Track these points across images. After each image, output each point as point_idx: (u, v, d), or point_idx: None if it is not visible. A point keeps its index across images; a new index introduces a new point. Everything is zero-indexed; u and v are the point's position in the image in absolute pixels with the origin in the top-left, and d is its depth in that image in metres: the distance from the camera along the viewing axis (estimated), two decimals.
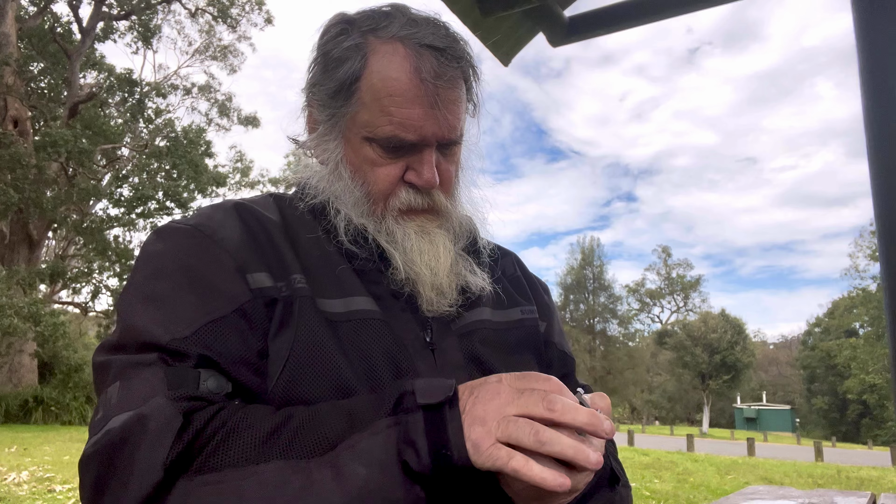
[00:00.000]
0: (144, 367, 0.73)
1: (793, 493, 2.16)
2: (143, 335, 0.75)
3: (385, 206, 0.93)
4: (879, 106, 1.54)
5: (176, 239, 0.85)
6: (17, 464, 8.30)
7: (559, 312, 1.18)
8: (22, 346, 16.71)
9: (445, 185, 0.96)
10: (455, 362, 0.90)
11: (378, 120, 0.88)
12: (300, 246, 0.90)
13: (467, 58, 0.94)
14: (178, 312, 0.77)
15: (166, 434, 0.66)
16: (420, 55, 0.88)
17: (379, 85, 0.88)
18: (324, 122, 0.96)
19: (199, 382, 0.73)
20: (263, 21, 24.05)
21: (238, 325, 0.78)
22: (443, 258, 0.92)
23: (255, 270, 0.82)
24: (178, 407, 0.68)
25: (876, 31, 1.58)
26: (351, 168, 0.93)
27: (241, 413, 0.71)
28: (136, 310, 0.78)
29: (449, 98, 0.90)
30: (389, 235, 0.92)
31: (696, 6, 2.20)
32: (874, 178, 1.55)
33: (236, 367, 0.76)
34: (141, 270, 0.83)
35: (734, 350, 49.86)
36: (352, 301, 0.87)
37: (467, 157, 1.04)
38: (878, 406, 45.85)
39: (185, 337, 0.74)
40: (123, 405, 0.70)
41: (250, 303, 0.80)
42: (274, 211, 0.94)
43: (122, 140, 21.19)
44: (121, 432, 0.67)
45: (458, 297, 0.94)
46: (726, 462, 13.96)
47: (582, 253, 53.45)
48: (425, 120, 0.88)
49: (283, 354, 0.79)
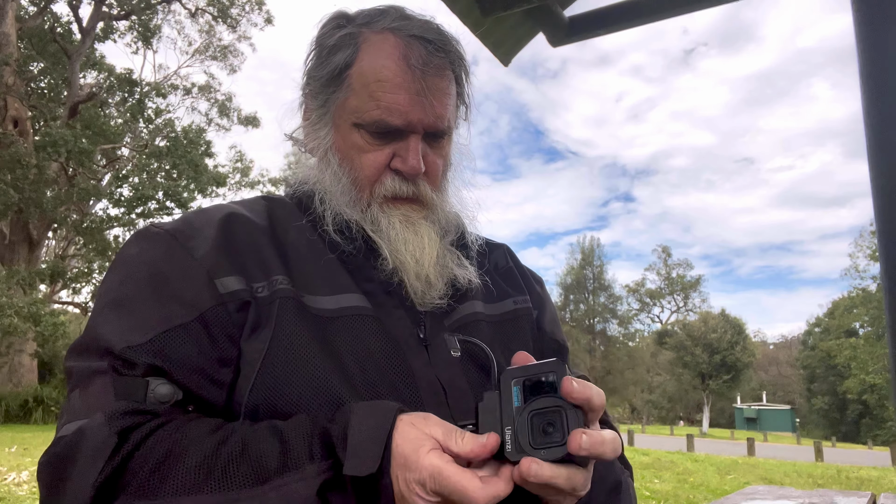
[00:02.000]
0: (99, 375, 0.75)
1: (793, 493, 2.16)
2: (101, 341, 0.77)
3: (371, 193, 0.94)
4: (879, 106, 1.54)
5: (148, 244, 0.86)
6: (17, 464, 8.30)
7: (554, 305, 1.17)
8: (22, 346, 16.71)
9: (432, 177, 0.96)
10: (449, 358, 0.90)
11: (366, 105, 0.90)
12: (288, 246, 0.91)
13: (458, 54, 0.96)
14: (137, 320, 0.78)
15: (99, 454, 0.68)
16: (409, 45, 0.90)
17: (368, 71, 0.91)
18: (316, 110, 0.98)
19: (147, 391, 0.74)
20: (263, 21, 24.09)
21: (197, 334, 0.79)
22: (428, 249, 0.92)
23: (225, 275, 0.83)
24: (114, 426, 0.70)
25: (876, 31, 1.58)
26: (339, 155, 0.95)
27: (179, 434, 0.71)
28: (100, 314, 0.81)
29: (437, 86, 0.91)
30: (374, 224, 0.93)
31: (695, 6, 2.20)
32: (874, 178, 1.55)
33: (190, 377, 0.77)
34: (112, 274, 0.85)
35: (734, 350, 49.85)
36: (343, 298, 0.87)
37: (457, 157, 1.05)
38: (878, 406, 45.87)
39: (138, 345, 0.76)
40: (74, 414, 0.74)
41: (214, 309, 0.80)
42: (262, 214, 0.95)
43: (122, 140, 21.20)
44: (64, 446, 0.71)
45: (448, 290, 0.94)
46: (726, 462, 13.95)
47: (582, 253, 53.49)
48: (412, 106, 0.89)
49: (257, 356, 0.80)
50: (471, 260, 1.01)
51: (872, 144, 1.55)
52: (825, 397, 55.73)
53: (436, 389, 0.86)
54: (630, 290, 63.40)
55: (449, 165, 1.02)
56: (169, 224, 0.89)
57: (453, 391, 0.88)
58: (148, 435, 0.71)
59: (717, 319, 52.49)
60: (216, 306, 0.80)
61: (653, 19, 2.27)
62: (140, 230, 0.90)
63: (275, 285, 0.84)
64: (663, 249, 64.59)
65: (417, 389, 0.85)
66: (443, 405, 0.86)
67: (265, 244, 0.89)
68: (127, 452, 0.69)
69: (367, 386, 0.82)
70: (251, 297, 0.82)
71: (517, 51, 2.53)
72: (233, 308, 0.81)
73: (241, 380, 0.80)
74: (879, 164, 1.54)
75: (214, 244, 0.85)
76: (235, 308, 0.81)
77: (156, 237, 0.87)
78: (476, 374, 0.92)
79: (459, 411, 0.86)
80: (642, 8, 2.26)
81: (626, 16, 2.29)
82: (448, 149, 1.00)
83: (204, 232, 0.87)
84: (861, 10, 1.62)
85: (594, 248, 53.52)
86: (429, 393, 0.86)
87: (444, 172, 1.00)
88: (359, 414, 0.70)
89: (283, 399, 0.78)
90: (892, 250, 1.50)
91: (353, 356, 0.83)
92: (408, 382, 0.85)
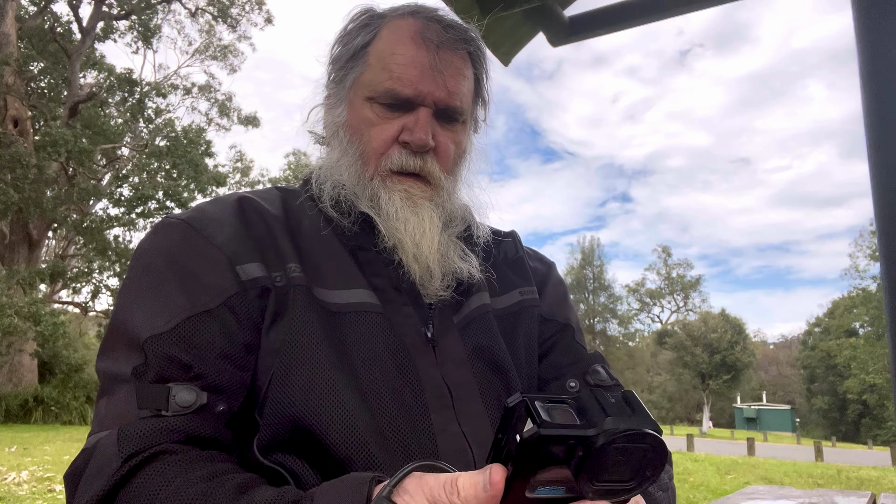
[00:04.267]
0: (121, 383, 0.76)
1: (793, 493, 2.16)
2: (127, 332, 0.78)
3: (376, 167, 0.93)
4: (879, 106, 1.54)
5: (166, 234, 0.86)
6: (17, 463, 8.29)
7: (563, 285, 1.13)
8: (22, 346, 16.69)
9: (442, 157, 0.95)
10: (457, 357, 0.89)
11: (379, 76, 0.91)
12: (301, 236, 0.90)
13: (476, 44, 0.97)
14: (161, 307, 0.78)
15: (100, 474, 0.69)
16: (427, 25, 0.92)
17: (385, 47, 0.92)
18: (334, 90, 0.99)
19: (169, 398, 0.74)
20: (263, 21, 24.05)
21: (223, 319, 0.79)
22: (428, 233, 0.91)
23: (246, 261, 0.83)
24: (124, 449, 0.70)
25: (876, 31, 1.58)
26: (350, 132, 0.95)
27: (161, 479, 0.69)
28: (123, 306, 0.81)
29: (450, 62, 0.92)
30: (373, 201, 0.91)
31: (696, 5, 2.20)
32: (874, 178, 1.54)
33: (215, 364, 0.77)
34: (133, 266, 0.86)
35: (734, 350, 49.81)
36: (352, 293, 0.86)
37: (472, 151, 1.03)
38: (878, 406, 45.84)
39: (163, 332, 0.76)
40: (99, 424, 0.75)
41: (238, 295, 0.81)
42: (277, 204, 0.95)
43: (122, 140, 21.18)
44: (82, 459, 0.73)
45: (452, 282, 0.93)
46: (726, 462, 13.95)
47: (582, 253, 53.50)
48: (423, 78, 0.90)
49: (276, 346, 0.80)
50: (476, 255, 0.99)
51: (872, 144, 1.55)
52: (825, 397, 55.69)
53: (441, 392, 0.85)
54: (630, 290, 63.41)
55: (463, 154, 1.00)
56: (184, 213, 0.89)
57: (460, 393, 0.86)
58: (142, 465, 0.70)
59: (717, 319, 52.45)
60: (240, 292, 0.81)
61: (653, 19, 2.27)
62: (157, 223, 0.90)
63: (289, 273, 0.84)
64: (663, 249, 64.60)
65: (422, 392, 0.84)
66: (448, 408, 0.85)
67: (280, 232, 0.89)
68: (121, 477, 0.69)
69: (371, 387, 0.81)
70: (271, 284, 0.83)
71: (517, 51, 2.53)
72: (253, 295, 0.82)
73: (260, 369, 0.80)
74: (879, 164, 1.54)
75: (233, 231, 0.85)
76: (256, 294, 0.82)
77: (173, 226, 0.87)
78: (485, 375, 0.90)
79: (465, 414, 0.85)
80: (643, 8, 2.25)
81: (627, 15, 2.29)
82: (462, 136, 0.98)
83: (220, 218, 0.87)
84: (861, 10, 1.61)
85: (594, 247, 53.57)
86: (434, 395, 0.85)
87: (456, 159, 0.98)
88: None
89: (292, 403, 0.78)
90: (893, 250, 1.50)
91: (360, 355, 0.82)
92: (412, 384, 0.84)
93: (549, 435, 0.49)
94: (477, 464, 0.82)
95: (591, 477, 0.51)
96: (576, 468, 0.51)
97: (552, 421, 0.50)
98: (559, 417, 0.52)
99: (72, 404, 16.32)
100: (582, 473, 0.51)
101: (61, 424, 15.66)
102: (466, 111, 0.97)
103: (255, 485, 0.70)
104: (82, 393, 16.81)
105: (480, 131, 1.07)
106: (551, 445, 0.50)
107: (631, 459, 0.51)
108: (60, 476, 7.50)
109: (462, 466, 0.77)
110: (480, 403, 0.87)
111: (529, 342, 1.00)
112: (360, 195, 0.92)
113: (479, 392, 0.88)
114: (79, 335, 22.93)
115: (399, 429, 0.80)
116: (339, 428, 0.77)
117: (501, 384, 0.91)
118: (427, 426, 0.82)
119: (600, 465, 0.50)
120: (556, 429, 0.50)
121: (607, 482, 0.52)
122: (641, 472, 0.53)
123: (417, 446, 0.80)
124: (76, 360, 17.77)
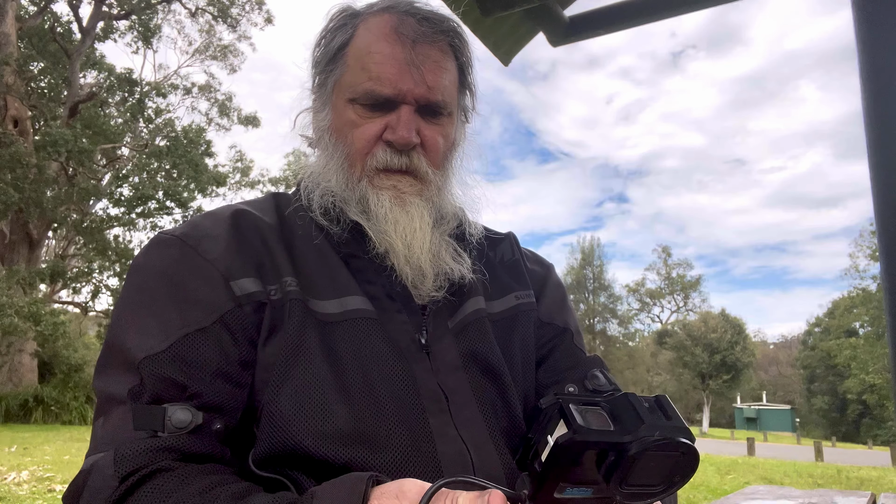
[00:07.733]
0: (117, 404, 0.76)
1: (793, 493, 2.16)
2: (122, 352, 0.78)
3: (363, 167, 0.92)
4: (879, 106, 1.54)
5: (160, 251, 0.86)
6: (17, 463, 8.29)
7: (562, 288, 1.12)
8: (22, 346, 16.70)
9: (430, 152, 0.94)
10: (451, 363, 0.89)
11: (358, 77, 0.90)
12: (295, 246, 0.90)
13: (455, 31, 0.94)
14: (156, 326, 0.78)
15: (97, 496, 0.71)
16: (403, 20, 0.91)
17: (362, 46, 0.91)
18: (318, 93, 0.98)
19: (165, 419, 0.74)
20: (263, 21, 24.05)
21: (219, 336, 0.79)
22: (419, 233, 0.90)
23: (241, 276, 0.82)
24: (120, 469, 0.71)
25: (876, 31, 1.57)
26: (336, 135, 0.94)
27: (159, 494, 0.71)
28: (118, 324, 0.81)
29: (428, 56, 0.90)
30: (363, 203, 0.91)
31: (695, 6, 2.20)
32: (874, 177, 1.54)
33: (211, 382, 0.77)
34: (127, 284, 0.86)
35: (734, 350, 49.79)
36: (346, 301, 0.86)
37: (463, 141, 1.02)
38: (878, 406, 45.81)
39: (158, 353, 0.76)
40: (95, 445, 0.76)
41: (233, 312, 0.80)
42: (272, 213, 0.94)
43: (122, 140, 21.17)
44: (80, 480, 0.74)
45: (444, 282, 0.92)
46: (726, 462, 13.94)
47: (582, 252, 53.49)
48: (401, 75, 0.89)
49: (271, 361, 0.80)
50: (469, 253, 0.98)
51: (872, 144, 1.55)
52: (825, 397, 55.68)
53: (437, 397, 0.85)
54: (630, 290, 63.37)
55: (453, 147, 0.99)
56: (178, 229, 0.89)
57: (455, 398, 0.86)
58: (138, 484, 0.71)
59: (717, 319, 52.43)
60: (234, 308, 0.80)
61: (653, 19, 2.27)
62: (151, 239, 0.90)
63: (285, 287, 0.84)
64: (663, 249, 64.58)
65: (419, 397, 0.84)
66: (444, 412, 0.85)
67: (275, 244, 0.88)
68: (119, 496, 0.70)
69: (367, 395, 0.81)
70: (266, 299, 0.82)
71: (517, 51, 2.53)
72: (249, 310, 0.81)
73: (257, 384, 0.80)
74: (879, 164, 1.54)
75: (228, 246, 0.85)
76: (252, 310, 0.81)
77: (167, 243, 0.87)
78: (480, 381, 0.90)
79: (461, 419, 0.85)
80: (642, 8, 2.25)
81: (627, 16, 2.29)
82: (449, 129, 0.97)
83: (214, 233, 0.87)
84: (861, 10, 1.61)
85: (594, 247, 53.56)
86: (430, 400, 0.85)
87: (445, 152, 0.97)
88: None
89: (285, 418, 0.78)
90: (893, 250, 1.49)
91: (356, 364, 0.82)
92: (409, 390, 0.84)
93: (585, 441, 0.49)
94: (476, 467, 0.82)
95: (620, 481, 0.51)
96: (606, 472, 0.51)
97: (587, 426, 0.51)
98: (594, 422, 0.52)
99: (72, 404, 16.31)
100: (612, 477, 0.51)
101: (61, 424, 15.66)
102: (451, 103, 0.95)
103: (252, 492, 0.71)
104: (82, 393, 16.80)
105: (472, 120, 1.06)
106: (585, 450, 0.50)
107: (662, 466, 0.52)
108: (61, 476, 7.51)
109: (462, 469, 0.78)
110: (476, 408, 0.87)
111: (525, 347, 1.00)
112: (348, 201, 0.91)
113: (473, 397, 0.88)
114: (79, 335, 22.92)
115: (397, 434, 0.80)
116: (332, 442, 0.78)
117: (495, 390, 0.91)
118: (425, 430, 0.82)
119: (631, 471, 0.51)
120: (591, 434, 0.50)
121: (636, 486, 0.52)
122: (671, 478, 0.53)
123: (416, 451, 0.80)
124: (76, 359, 17.77)
